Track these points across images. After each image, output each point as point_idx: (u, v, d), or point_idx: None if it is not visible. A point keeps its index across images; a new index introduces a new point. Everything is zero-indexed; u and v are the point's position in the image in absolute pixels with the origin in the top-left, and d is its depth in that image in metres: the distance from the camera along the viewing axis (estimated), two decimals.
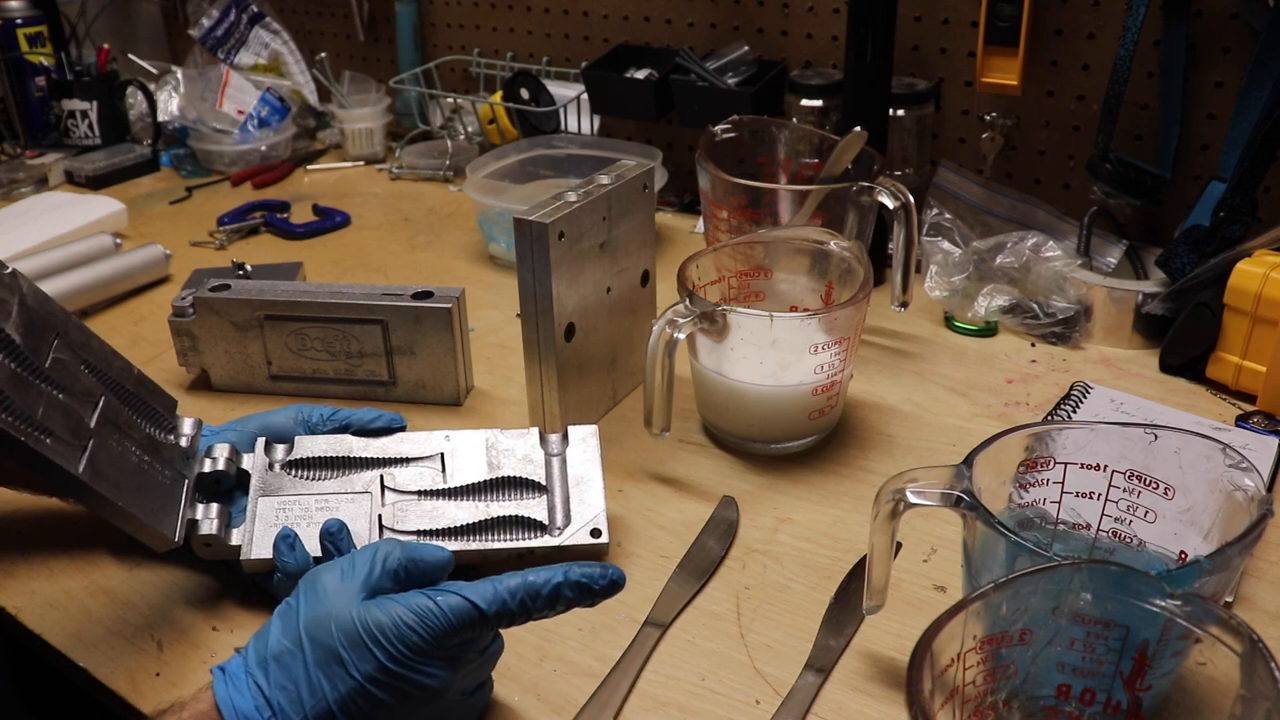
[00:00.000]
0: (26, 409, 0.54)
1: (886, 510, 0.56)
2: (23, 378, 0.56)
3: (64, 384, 0.59)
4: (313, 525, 0.66)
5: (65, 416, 0.57)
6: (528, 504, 0.68)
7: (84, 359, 0.62)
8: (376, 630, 0.50)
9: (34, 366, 0.57)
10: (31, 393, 0.55)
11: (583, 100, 1.35)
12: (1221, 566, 0.50)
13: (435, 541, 0.66)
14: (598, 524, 0.68)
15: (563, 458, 0.71)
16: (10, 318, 0.56)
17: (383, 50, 1.69)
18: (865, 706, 0.59)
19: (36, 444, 0.54)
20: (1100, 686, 0.50)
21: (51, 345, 0.59)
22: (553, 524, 0.68)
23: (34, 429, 0.54)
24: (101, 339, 0.65)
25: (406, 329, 0.87)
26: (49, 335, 0.59)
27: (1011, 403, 0.89)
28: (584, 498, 0.69)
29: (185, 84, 1.62)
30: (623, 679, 0.61)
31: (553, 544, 0.67)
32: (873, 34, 0.99)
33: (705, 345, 0.79)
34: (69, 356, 0.60)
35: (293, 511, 0.67)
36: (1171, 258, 0.94)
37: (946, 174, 1.12)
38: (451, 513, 0.68)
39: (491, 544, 0.67)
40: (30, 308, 0.59)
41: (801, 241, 0.86)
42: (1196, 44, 1.01)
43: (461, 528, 0.67)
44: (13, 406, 0.54)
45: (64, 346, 0.60)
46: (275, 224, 1.32)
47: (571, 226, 0.77)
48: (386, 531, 0.67)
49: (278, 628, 0.52)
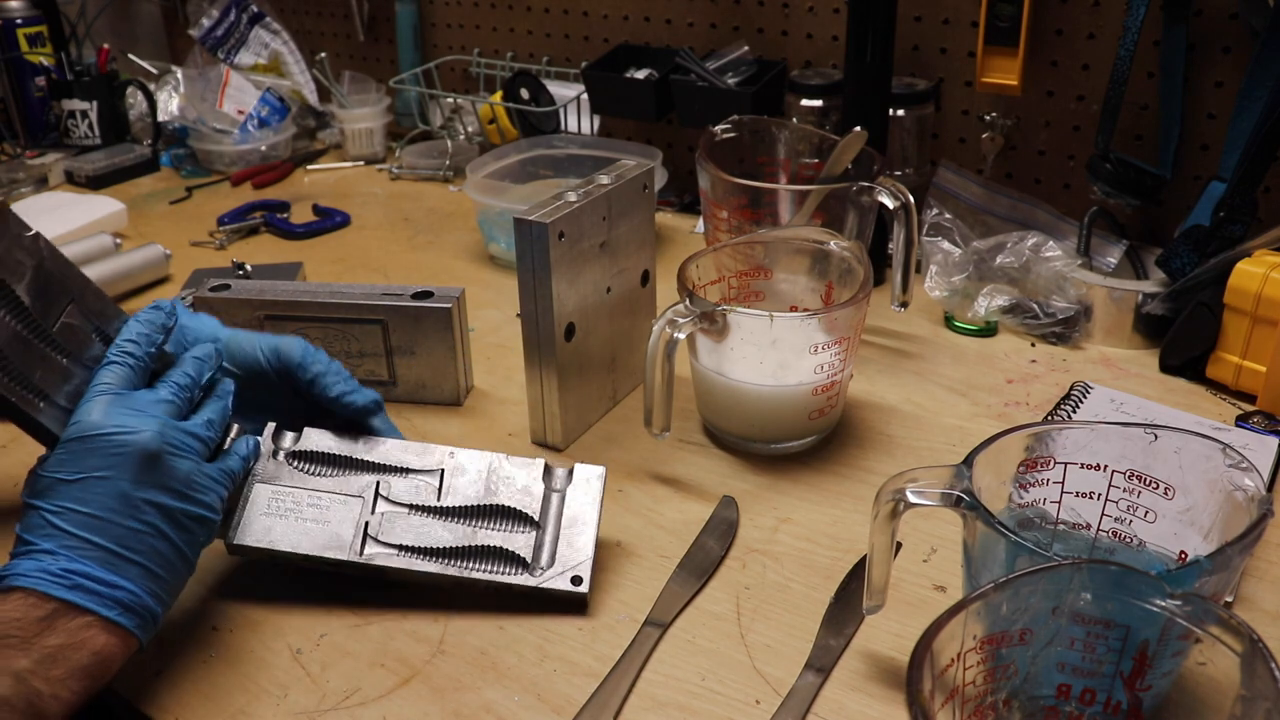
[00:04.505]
0: (24, 371, 0.55)
1: (886, 510, 0.56)
2: (25, 339, 0.56)
3: (70, 349, 0.59)
4: (300, 519, 0.67)
5: (65, 381, 0.58)
6: (515, 538, 0.67)
7: (97, 326, 0.62)
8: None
9: (40, 329, 0.57)
10: (32, 355, 0.56)
11: (583, 100, 1.35)
12: (1221, 566, 0.50)
13: (416, 560, 0.66)
14: (580, 571, 0.66)
15: (563, 495, 0.69)
16: (24, 280, 0.57)
17: (383, 50, 1.69)
18: (865, 706, 0.59)
19: (28, 405, 0.55)
20: (1100, 686, 0.50)
21: (64, 310, 0.60)
22: (535, 563, 0.66)
23: (28, 391, 0.55)
24: (121, 309, 0.65)
25: (406, 329, 0.87)
26: (62, 300, 0.60)
27: (1011, 403, 0.89)
28: (573, 541, 0.67)
29: (185, 84, 1.62)
30: (623, 679, 0.61)
31: (530, 584, 0.65)
32: (873, 34, 0.99)
33: (705, 345, 0.79)
34: (81, 322, 0.61)
35: (284, 502, 0.67)
36: (1171, 258, 0.94)
37: (946, 174, 1.12)
38: (438, 532, 0.67)
39: (470, 573, 0.66)
40: (48, 271, 0.59)
41: (801, 241, 0.86)
42: (1196, 44, 1.01)
43: (444, 549, 0.66)
44: (10, 367, 0.55)
45: (77, 313, 0.60)
46: (275, 224, 1.32)
47: (571, 226, 0.77)
48: (370, 541, 0.66)
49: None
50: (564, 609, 0.66)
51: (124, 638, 0.55)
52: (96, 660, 0.53)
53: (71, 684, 0.52)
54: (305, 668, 0.63)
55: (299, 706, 0.60)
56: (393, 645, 0.64)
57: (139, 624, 0.55)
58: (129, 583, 0.55)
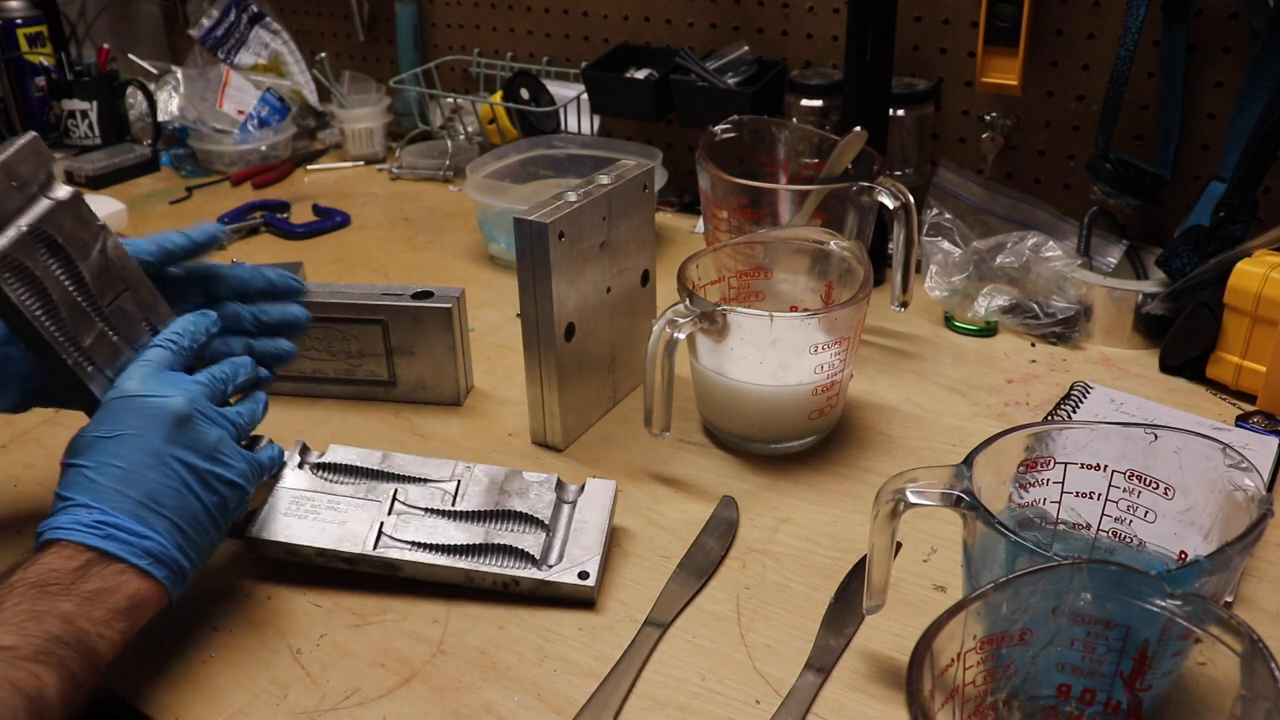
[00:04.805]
0: (76, 335, 0.60)
1: (886, 510, 0.56)
2: (81, 308, 0.61)
3: (120, 329, 0.64)
4: (318, 520, 0.69)
5: (112, 355, 0.63)
6: (525, 538, 0.68)
7: (147, 318, 0.66)
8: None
9: (95, 303, 0.62)
10: (85, 323, 0.61)
11: (583, 100, 1.35)
12: (1221, 566, 0.50)
13: (427, 556, 0.67)
14: (588, 566, 0.67)
15: (574, 505, 0.71)
16: (87, 259, 0.61)
17: (383, 50, 1.69)
18: (865, 706, 0.59)
19: (76, 366, 0.60)
20: (1100, 686, 0.50)
21: (119, 295, 0.64)
22: (544, 560, 0.67)
23: (78, 353, 0.60)
24: (170, 308, 0.68)
25: (406, 329, 0.87)
26: (119, 285, 0.64)
27: (1011, 403, 0.89)
28: (582, 541, 0.68)
29: (185, 84, 1.62)
30: (623, 679, 0.61)
31: (538, 577, 0.66)
32: (873, 34, 0.99)
33: (705, 345, 0.79)
34: (134, 309, 0.65)
35: (304, 505, 0.70)
36: (1171, 258, 0.94)
37: (946, 174, 1.12)
38: (450, 531, 0.68)
39: (478, 566, 0.67)
40: (109, 258, 0.63)
41: (801, 241, 0.86)
42: (1196, 44, 1.01)
43: (455, 546, 0.68)
44: (65, 327, 0.60)
45: (131, 300, 0.65)
46: (275, 224, 1.32)
47: (571, 226, 0.77)
48: (385, 539, 0.68)
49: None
50: (570, 606, 0.67)
51: (155, 586, 0.57)
52: (132, 603, 0.56)
53: (114, 623, 0.55)
54: (305, 668, 0.63)
55: (299, 706, 0.60)
56: (393, 645, 0.64)
57: (169, 575, 0.57)
58: (157, 535, 0.57)
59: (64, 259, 0.60)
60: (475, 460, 0.74)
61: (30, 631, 0.51)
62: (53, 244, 0.60)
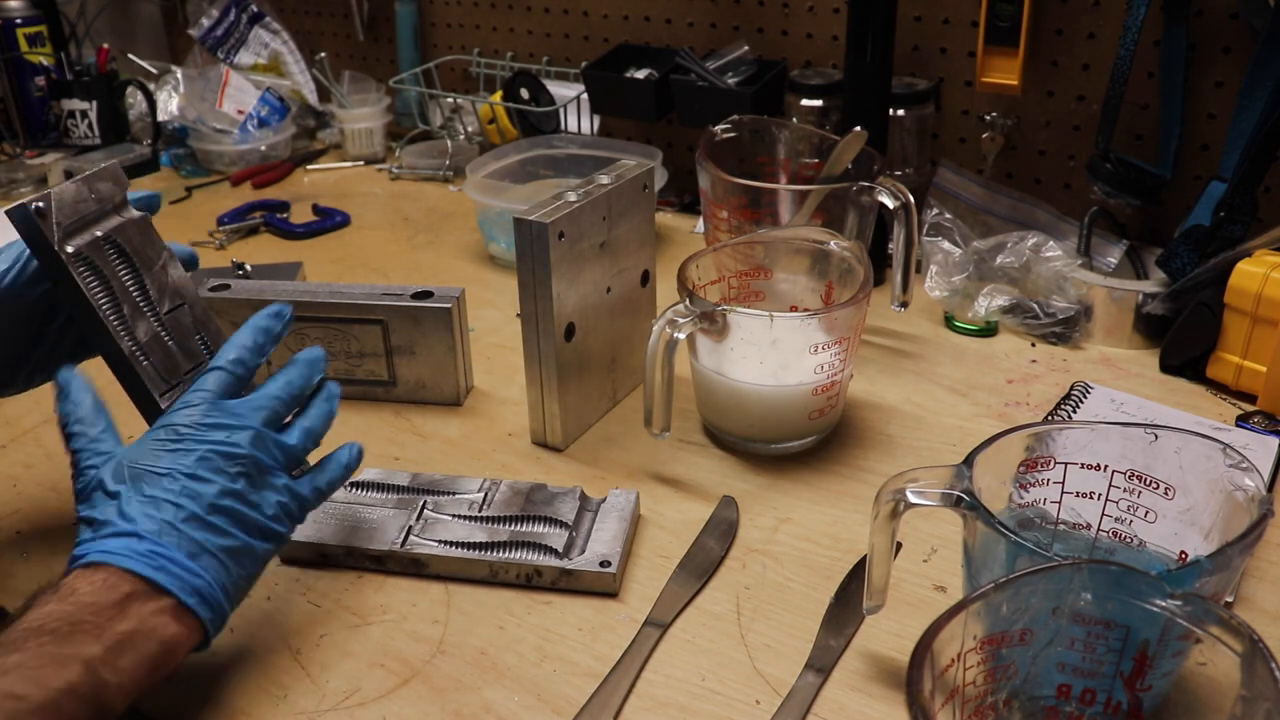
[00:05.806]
0: (133, 328, 0.65)
1: (886, 510, 0.56)
2: (140, 308, 0.65)
3: (174, 335, 0.67)
4: (347, 523, 0.72)
5: (165, 356, 0.66)
6: (548, 535, 0.70)
7: (200, 333, 0.69)
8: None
9: (154, 308, 0.66)
10: (142, 321, 0.65)
11: (583, 100, 1.35)
12: (1221, 566, 0.50)
13: (453, 551, 0.69)
14: (609, 556, 0.68)
15: (595, 513, 0.73)
16: (151, 270, 0.67)
17: (383, 50, 1.69)
18: (865, 706, 0.59)
19: (133, 359, 0.64)
20: (1100, 687, 0.50)
21: (176, 307, 0.68)
22: (566, 553, 0.69)
23: (133, 344, 0.64)
24: (220, 328, 0.70)
25: (406, 329, 0.87)
26: (176, 299, 0.68)
27: (1011, 403, 0.89)
28: (603, 537, 0.70)
29: (185, 84, 1.62)
30: (623, 679, 0.61)
31: (559, 565, 0.68)
32: (873, 34, 0.99)
33: (705, 345, 0.79)
34: (188, 322, 0.68)
35: (334, 511, 0.73)
36: (1171, 258, 0.94)
37: (946, 174, 1.12)
38: (476, 533, 0.70)
39: (502, 557, 0.69)
40: (170, 276, 0.68)
41: (801, 241, 0.86)
42: (1196, 44, 1.01)
43: (479, 543, 0.69)
44: (125, 320, 0.64)
45: (187, 314, 0.68)
46: (275, 224, 1.32)
47: (571, 226, 0.77)
48: (412, 538, 0.70)
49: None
50: (592, 595, 0.67)
51: (191, 629, 0.56)
52: (163, 650, 0.54)
53: (137, 674, 0.53)
54: (305, 668, 0.63)
55: (299, 707, 0.60)
56: (393, 645, 0.64)
57: (211, 617, 0.57)
58: (206, 574, 0.56)
59: (130, 265, 0.65)
60: (475, 460, 0.74)
61: (46, 680, 0.49)
62: (121, 251, 0.65)
